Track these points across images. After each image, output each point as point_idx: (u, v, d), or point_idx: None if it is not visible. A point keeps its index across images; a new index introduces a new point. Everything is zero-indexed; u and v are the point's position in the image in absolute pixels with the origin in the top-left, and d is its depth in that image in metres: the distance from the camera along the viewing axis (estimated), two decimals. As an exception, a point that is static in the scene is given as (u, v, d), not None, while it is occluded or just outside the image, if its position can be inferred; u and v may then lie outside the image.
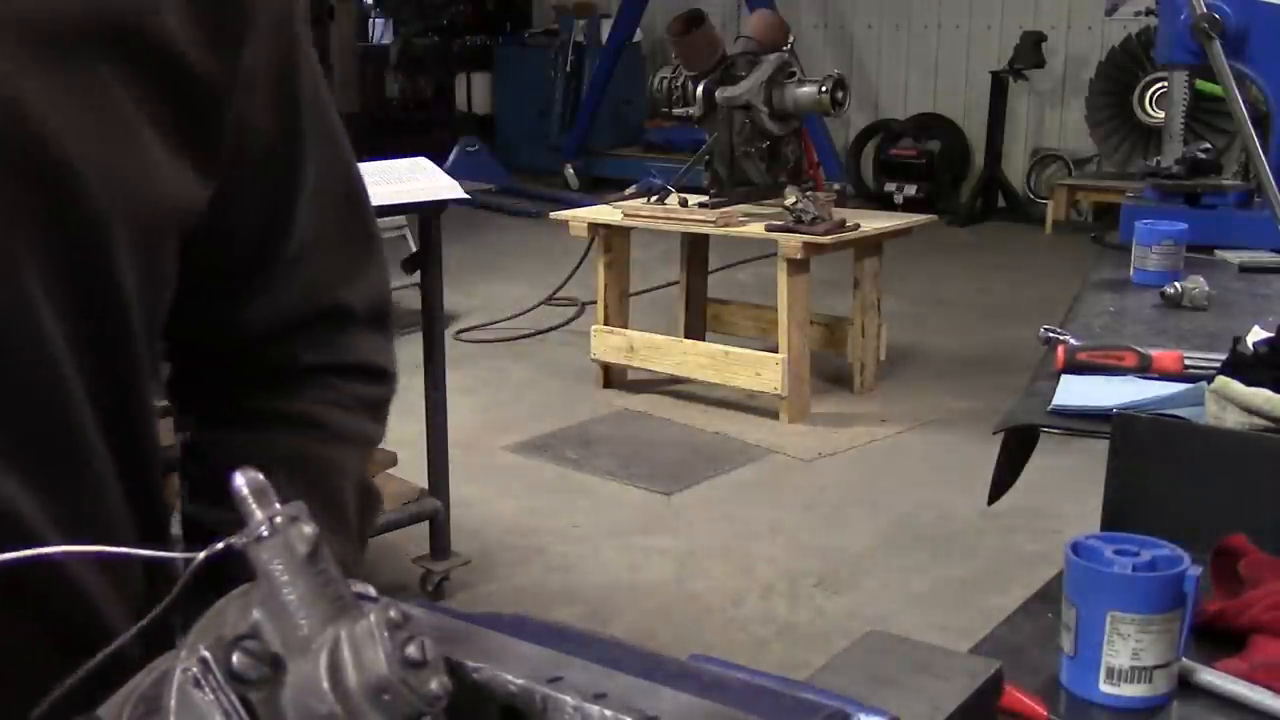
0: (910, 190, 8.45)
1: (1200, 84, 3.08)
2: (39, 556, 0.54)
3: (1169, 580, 0.98)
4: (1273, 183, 2.37)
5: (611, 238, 4.80)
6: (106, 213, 0.68)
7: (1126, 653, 0.97)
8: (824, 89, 4.45)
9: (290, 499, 0.79)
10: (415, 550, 3.21)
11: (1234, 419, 1.41)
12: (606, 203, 4.90)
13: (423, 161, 3.02)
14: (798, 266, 4.32)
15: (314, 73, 0.83)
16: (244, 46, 0.75)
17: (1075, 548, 1.02)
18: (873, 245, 4.60)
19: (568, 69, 9.74)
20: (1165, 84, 3.40)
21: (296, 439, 0.85)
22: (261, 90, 0.77)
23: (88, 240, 0.68)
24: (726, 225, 4.42)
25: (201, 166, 0.74)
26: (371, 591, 0.50)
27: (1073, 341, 1.80)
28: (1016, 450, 1.77)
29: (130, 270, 0.70)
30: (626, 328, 4.88)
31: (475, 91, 10.44)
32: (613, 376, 4.89)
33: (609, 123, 9.63)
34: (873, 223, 4.55)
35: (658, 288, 6.03)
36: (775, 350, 4.44)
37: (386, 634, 0.44)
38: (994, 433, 1.67)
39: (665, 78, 4.67)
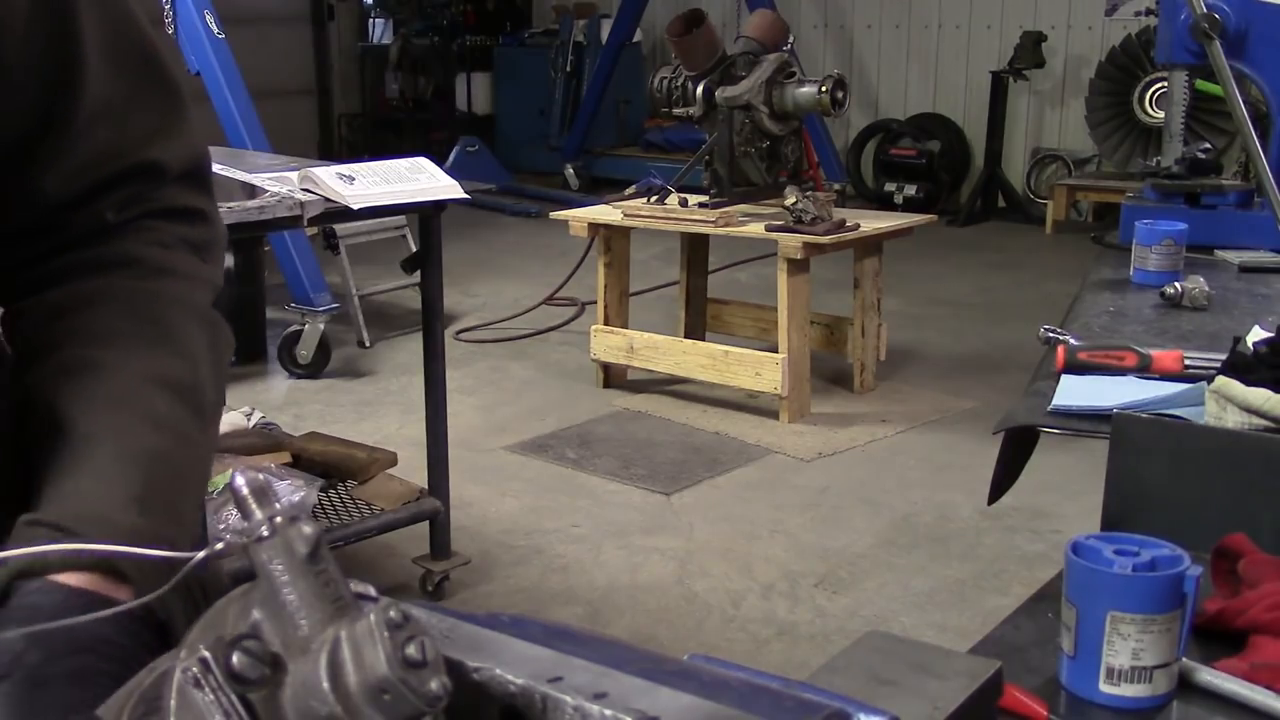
0: (910, 190, 8.46)
1: (1200, 84, 3.08)
2: (40, 553, 0.54)
3: (1169, 580, 0.98)
4: (1273, 183, 2.37)
5: (611, 238, 4.80)
6: None
7: (1126, 653, 0.97)
8: (824, 89, 4.45)
9: (122, 333, 0.77)
10: (415, 550, 3.21)
11: (1234, 419, 1.41)
12: (606, 203, 4.90)
13: (423, 161, 3.02)
14: (798, 266, 4.32)
15: None
16: None
17: (1075, 548, 1.02)
18: (873, 245, 4.60)
19: (568, 69, 9.74)
20: (1165, 84, 3.39)
21: (115, 279, 0.80)
22: None
23: None
24: (726, 225, 4.42)
25: None
26: (371, 591, 0.50)
27: (1073, 341, 1.80)
28: (1016, 450, 1.77)
29: None
30: (626, 328, 4.88)
31: (475, 91, 10.44)
32: (613, 376, 4.89)
33: (609, 123, 9.63)
34: (873, 223, 4.55)
35: (658, 288, 6.03)
36: (775, 350, 4.44)
37: (386, 634, 0.44)
38: (994, 433, 1.67)
39: (665, 78, 4.67)
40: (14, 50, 0.75)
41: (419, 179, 2.92)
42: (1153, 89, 7.42)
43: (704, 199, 4.62)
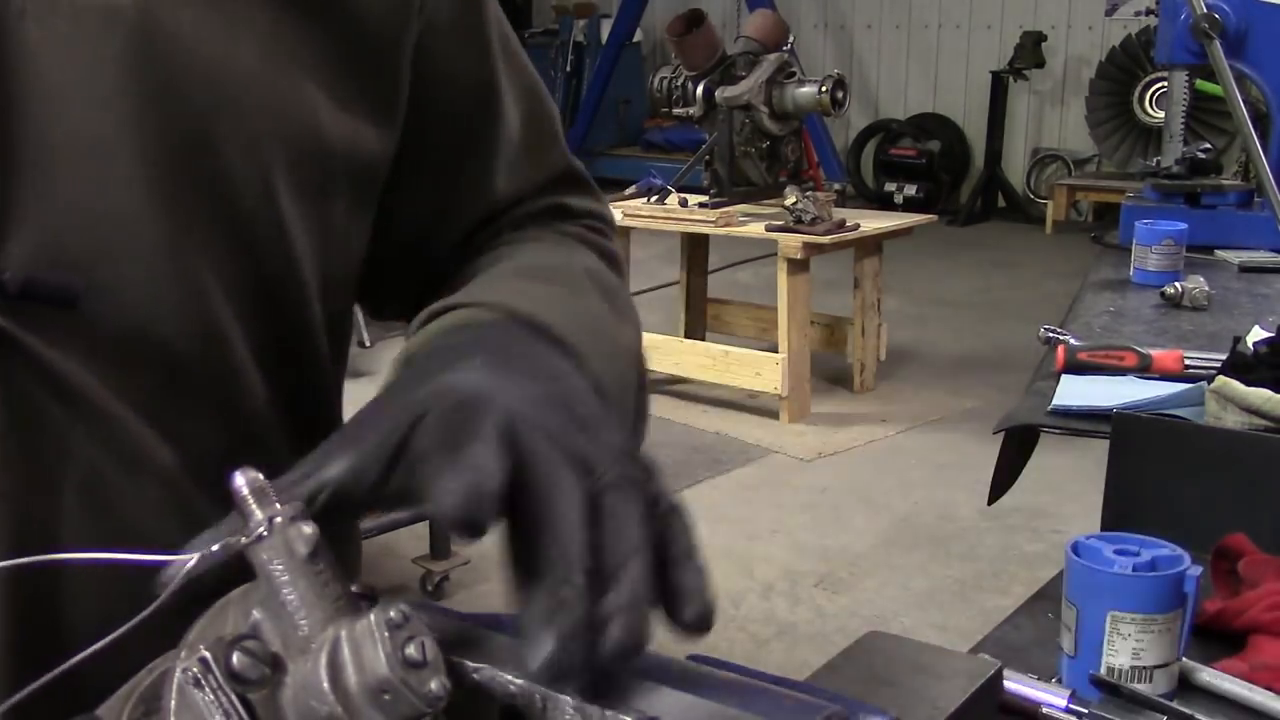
0: (910, 190, 8.46)
1: (1200, 84, 3.08)
2: (48, 562, 0.54)
3: (1169, 580, 0.98)
4: (1273, 183, 2.36)
5: (611, 238, 4.79)
6: (257, 140, 0.66)
7: (1126, 653, 0.97)
8: (824, 89, 4.45)
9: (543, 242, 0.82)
10: (415, 550, 3.21)
11: (1234, 419, 1.41)
12: (606, 203, 4.89)
13: (423, 161, 3.02)
14: (798, 266, 4.32)
15: (499, 16, 0.84)
16: None
17: (1075, 548, 1.02)
18: (873, 245, 4.60)
19: (568, 69, 9.74)
20: (1165, 84, 3.39)
21: (532, 236, 0.85)
22: (446, 32, 0.77)
23: (244, 171, 0.66)
24: (726, 225, 4.42)
25: (376, 116, 0.73)
26: (372, 592, 0.50)
27: (1073, 341, 1.80)
28: (1016, 450, 1.77)
29: (294, 210, 0.69)
30: (626, 328, 4.87)
31: (475, 91, 10.44)
32: (613, 376, 4.88)
33: (609, 123, 9.63)
34: (873, 223, 4.55)
35: (658, 288, 6.03)
36: (775, 350, 4.44)
37: (386, 634, 0.44)
38: (994, 433, 1.67)
39: (665, 78, 4.67)
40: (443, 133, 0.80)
41: (419, 179, 2.92)
42: (1153, 89, 7.43)
43: (704, 199, 4.62)
